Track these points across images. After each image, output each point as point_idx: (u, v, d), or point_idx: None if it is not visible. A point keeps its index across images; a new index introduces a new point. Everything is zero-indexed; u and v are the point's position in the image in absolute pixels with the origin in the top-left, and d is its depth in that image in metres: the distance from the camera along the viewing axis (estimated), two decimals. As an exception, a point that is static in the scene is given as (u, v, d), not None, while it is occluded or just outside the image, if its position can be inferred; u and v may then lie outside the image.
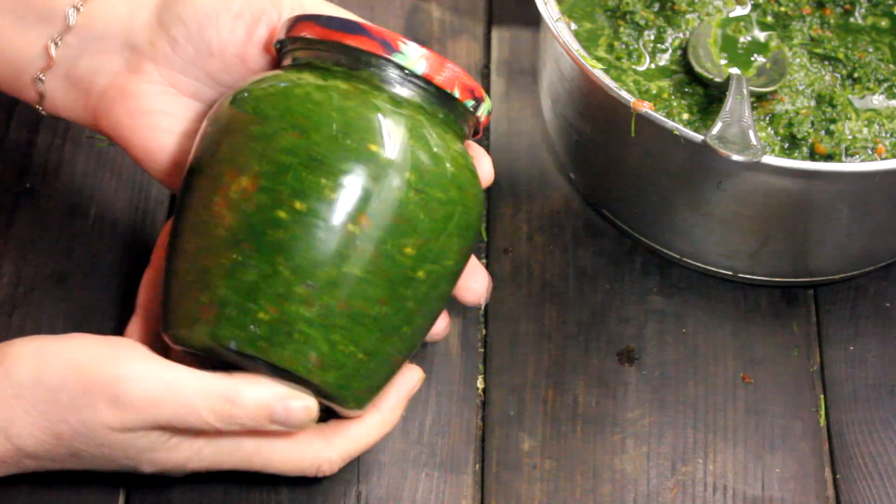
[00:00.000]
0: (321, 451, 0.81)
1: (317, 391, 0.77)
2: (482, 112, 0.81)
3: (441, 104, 0.79)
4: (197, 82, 0.84)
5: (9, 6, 0.86)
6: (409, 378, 0.83)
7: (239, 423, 0.76)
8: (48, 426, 0.76)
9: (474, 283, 0.84)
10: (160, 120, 0.85)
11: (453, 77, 0.79)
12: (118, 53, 0.84)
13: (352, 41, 0.78)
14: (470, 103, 0.80)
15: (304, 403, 0.77)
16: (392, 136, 0.76)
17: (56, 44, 0.85)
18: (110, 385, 0.75)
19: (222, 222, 0.76)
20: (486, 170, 0.83)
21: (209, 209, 0.77)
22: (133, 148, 0.85)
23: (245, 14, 0.82)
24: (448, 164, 0.78)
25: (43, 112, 0.88)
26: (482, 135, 0.85)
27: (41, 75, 0.86)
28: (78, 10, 0.84)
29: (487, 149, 1.01)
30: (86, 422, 0.76)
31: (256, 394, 0.76)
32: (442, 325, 0.85)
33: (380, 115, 0.76)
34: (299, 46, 0.80)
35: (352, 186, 0.75)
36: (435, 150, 0.77)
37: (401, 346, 0.79)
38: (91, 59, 0.85)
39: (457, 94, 0.79)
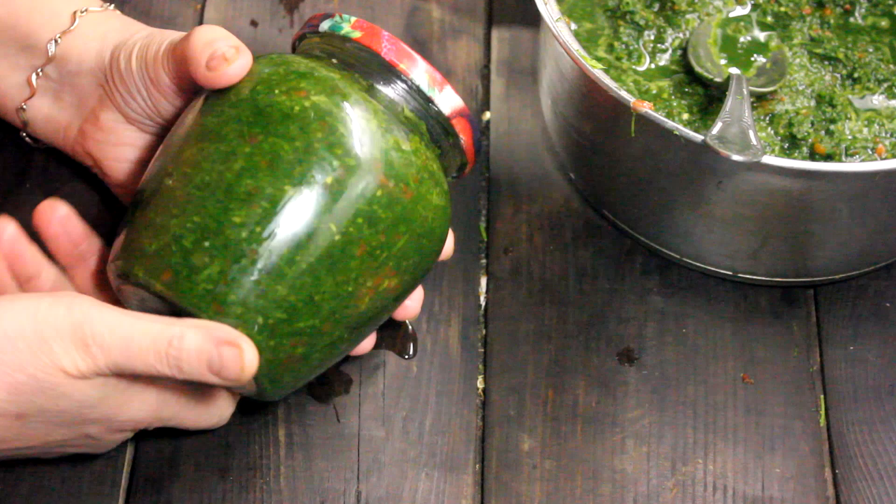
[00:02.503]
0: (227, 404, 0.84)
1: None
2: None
3: (432, 128, 0.83)
4: (148, 120, 0.88)
5: None
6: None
7: (183, 367, 0.76)
8: (4, 377, 0.75)
9: (410, 300, 0.86)
10: (125, 152, 0.90)
11: (460, 109, 0.83)
12: (92, 89, 0.89)
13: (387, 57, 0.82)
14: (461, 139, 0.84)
15: (235, 352, 0.76)
16: (363, 133, 0.79)
17: (38, 74, 0.90)
18: (74, 329, 0.75)
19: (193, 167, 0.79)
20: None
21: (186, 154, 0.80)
22: (104, 176, 0.92)
23: (150, 49, 0.86)
24: (413, 162, 0.80)
25: (28, 139, 0.93)
26: (467, 173, 0.87)
27: (24, 104, 0.91)
28: (57, 42, 0.89)
29: (488, 148, 1.01)
30: (45, 369, 0.75)
31: (197, 337, 0.76)
32: (369, 344, 0.87)
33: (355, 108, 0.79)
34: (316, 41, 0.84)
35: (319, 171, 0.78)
36: (405, 154, 0.80)
37: (327, 328, 0.79)
38: (69, 91, 0.90)
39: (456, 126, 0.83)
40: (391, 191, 0.78)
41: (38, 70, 0.90)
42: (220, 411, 0.84)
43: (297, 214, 0.77)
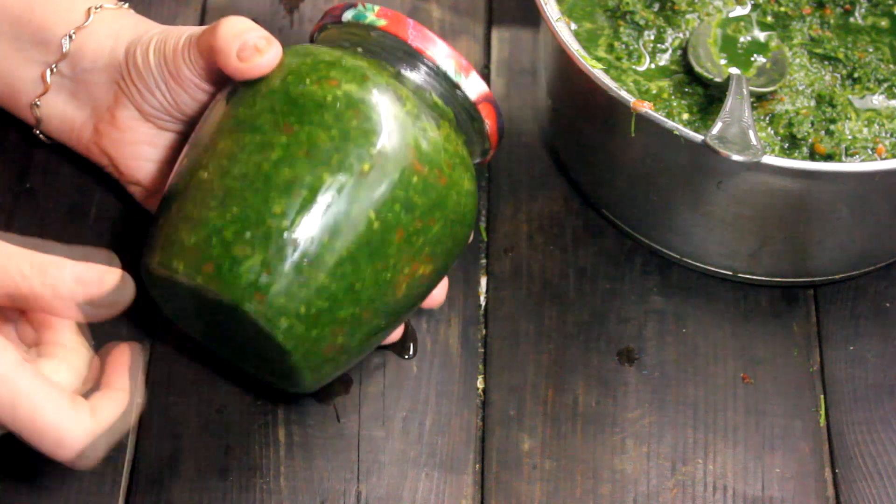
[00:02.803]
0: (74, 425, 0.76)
1: (276, 344, 0.78)
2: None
3: (459, 111, 0.84)
4: (166, 116, 0.88)
5: (7, 31, 0.90)
6: (123, 352, 0.80)
7: (56, 283, 0.75)
8: None
9: (437, 288, 0.86)
10: (142, 151, 0.90)
11: (486, 95, 0.84)
12: (107, 86, 0.89)
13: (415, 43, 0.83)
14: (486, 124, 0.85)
15: (115, 275, 0.76)
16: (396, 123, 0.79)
17: (52, 71, 0.90)
18: None
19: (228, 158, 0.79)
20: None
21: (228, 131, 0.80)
22: (119, 175, 0.91)
23: (168, 43, 0.85)
24: (446, 147, 0.81)
25: (40, 136, 0.93)
26: (489, 159, 0.88)
27: (37, 101, 0.91)
28: (71, 38, 0.89)
29: (487, 149, 1.02)
30: None
31: (77, 266, 0.76)
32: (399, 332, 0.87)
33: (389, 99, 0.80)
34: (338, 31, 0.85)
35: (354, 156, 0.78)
36: (435, 144, 0.80)
37: (367, 315, 0.80)
38: (84, 89, 0.89)
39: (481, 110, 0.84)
40: (426, 176, 0.79)
41: (53, 66, 0.90)
42: (63, 434, 0.76)
43: (337, 202, 0.77)
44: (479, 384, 0.91)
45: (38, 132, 0.93)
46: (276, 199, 0.77)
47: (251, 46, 0.81)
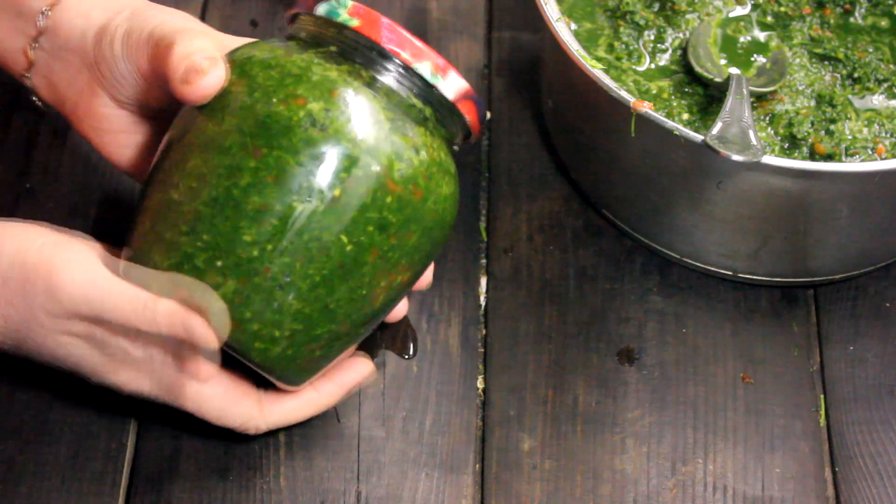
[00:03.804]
0: (251, 412, 0.83)
1: (253, 363, 0.79)
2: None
3: (432, 105, 0.81)
4: (139, 106, 0.86)
5: None
6: (357, 369, 0.85)
7: (154, 323, 0.77)
8: None
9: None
10: (121, 138, 0.87)
11: (464, 91, 0.81)
12: (80, 70, 0.86)
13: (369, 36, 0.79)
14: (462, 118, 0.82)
15: (204, 331, 0.77)
16: (372, 121, 0.77)
17: (32, 46, 0.87)
18: (45, 276, 0.78)
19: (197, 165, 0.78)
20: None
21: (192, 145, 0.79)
22: (103, 155, 0.89)
23: (132, 35, 0.83)
24: (423, 159, 0.78)
25: (38, 103, 0.90)
26: (473, 141, 0.85)
27: (27, 73, 0.88)
28: (45, 14, 0.86)
29: (488, 148, 1.01)
30: (29, 305, 0.78)
31: (170, 304, 0.77)
32: (400, 310, 0.87)
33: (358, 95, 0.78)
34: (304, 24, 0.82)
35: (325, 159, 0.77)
36: (411, 140, 0.78)
37: (344, 329, 0.80)
38: (62, 68, 0.87)
39: (451, 95, 0.81)
40: (401, 194, 0.77)
41: (33, 41, 0.87)
42: (246, 411, 0.83)
43: (308, 229, 0.76)
44: (479, 384, 0.91)
45: (34, 98, 0.90)
46: (246, 227, 0.76)
47: (195, 69, 0.78)
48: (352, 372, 0.85)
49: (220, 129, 0.77)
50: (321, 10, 0.80)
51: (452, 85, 0.80)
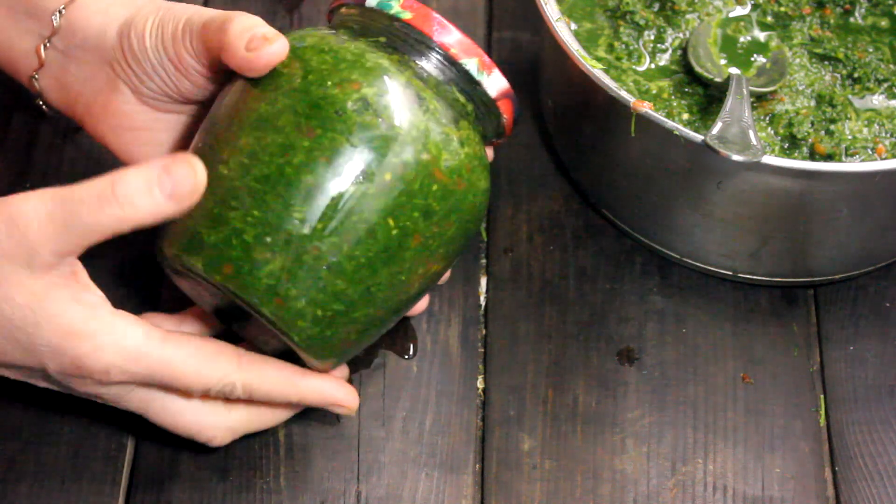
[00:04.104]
0: (227, 368, 0.80)
1: (292, 341, 0.79)
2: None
3: (474, 99, 0.83)
4: (166, 99, 0.85)
5: (3, 0, 0.86)
6: (348, 392, 0.84)
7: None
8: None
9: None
10: (142, 136, 0.87)
11: (505, 89, 0.83)
12: (99, 67, 0.85)
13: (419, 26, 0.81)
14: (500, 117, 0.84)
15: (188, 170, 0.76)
16: (410, 110, 0.79)
17: (45, 46, 0.86)
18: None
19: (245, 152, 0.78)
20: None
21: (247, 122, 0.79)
22: (119, 156, 0.88)
23: (165, 27, 0.83)
24: (467, 152, 0.80)
25: (43, 107, 0.89)
26: (503, 141, 0.88)
27: (35, 74, 0.87)
28: (61, 13, 0.85)
29: (487, 149, 1.02)
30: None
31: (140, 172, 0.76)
32: (422, 304, 0.88)
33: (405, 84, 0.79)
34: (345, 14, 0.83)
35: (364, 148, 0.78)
36: (450, 134, 0.80)
37: (380, 314, 0.80)
38: (77, 68, 0.86)
39: (494, 91, 0.83)
40: (446, 184, 0.79)
41: (46, 41, 0.86)
42: (222, 367, 0.81)
43: (357, 210, 0.77)
44: (479, 384, 0.91)
45: (40, 102, 0.90)
46: (297, 205, 0.77)
47: (259, 37, 0.79)
48: (343, 389, 0.84)
49: (273, 109, 0.78)
50: (373, 1, 0.82)
51: (496, 83, 0.83)
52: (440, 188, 0.79)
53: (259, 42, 0.79)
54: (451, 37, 0.81)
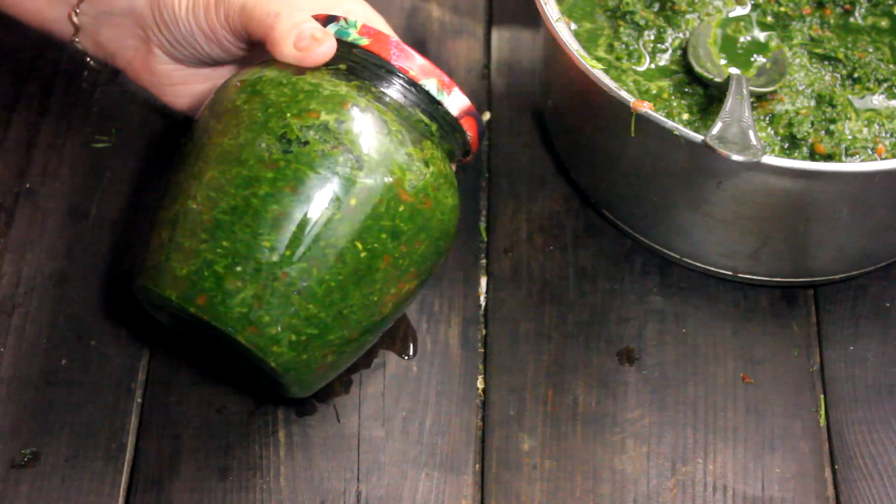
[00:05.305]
0: None
1: (269, 367, 0.80)
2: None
3: (437, 120, 0.84)
4: (199, 63, 0.90)
5: None
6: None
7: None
8: None
9: None
10: (180, 89, 0.92)
11: (466, 107, 0.85)
12: (131, 31, 0.90)
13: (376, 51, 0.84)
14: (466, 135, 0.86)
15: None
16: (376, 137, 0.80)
17: (76, 13, 0.91)
18: None
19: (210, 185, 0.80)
20: None
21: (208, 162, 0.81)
22: (163, 101, 0.94)
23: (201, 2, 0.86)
24: (431, 171, 0.81)
25: (91, 62, 0.95)
26: (471, 159, 0.89)
27: (75, 39, 0.92)
28: None
29: (488, 148, 1.01)
30: None
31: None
32: None
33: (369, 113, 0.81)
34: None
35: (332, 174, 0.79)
36: (411, 153, 0.81)
37: (355, 335, 0.81)
38: (110, 31, 0.91)
39: (455, 109, 0.84)
40: (412, 203, 0.80)
41: (76, 8, 0.91)
42: None
43: (325, 236, 0.78)
44: (479, 384, 0.91)
45: (88, 59, 0.95)
46: (265, 234, 0.78)
47: (308, 36, 0.82)
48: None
49: (235, 143, 0.80)
50: (331, 29, 0.84)
51: (456, 102, 0.84)
52: (407, 208, 0.80)
53: (309, 42, 0.82)
54: (409, 60, 0.83)
